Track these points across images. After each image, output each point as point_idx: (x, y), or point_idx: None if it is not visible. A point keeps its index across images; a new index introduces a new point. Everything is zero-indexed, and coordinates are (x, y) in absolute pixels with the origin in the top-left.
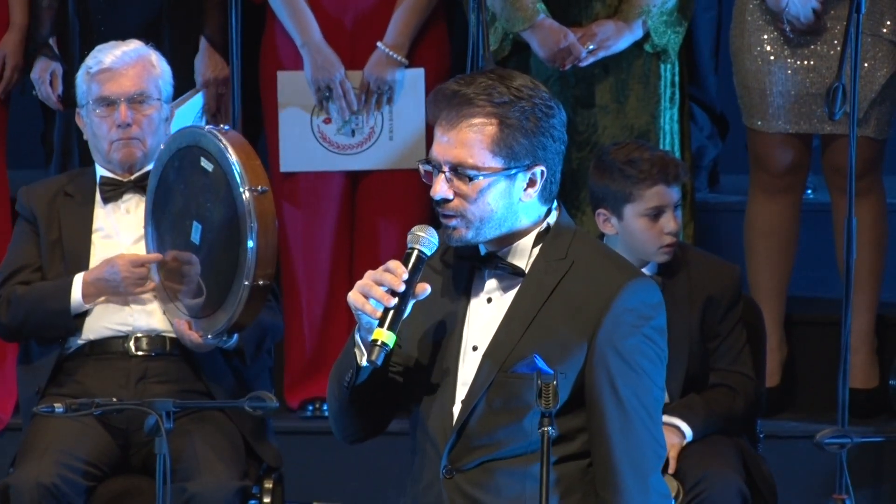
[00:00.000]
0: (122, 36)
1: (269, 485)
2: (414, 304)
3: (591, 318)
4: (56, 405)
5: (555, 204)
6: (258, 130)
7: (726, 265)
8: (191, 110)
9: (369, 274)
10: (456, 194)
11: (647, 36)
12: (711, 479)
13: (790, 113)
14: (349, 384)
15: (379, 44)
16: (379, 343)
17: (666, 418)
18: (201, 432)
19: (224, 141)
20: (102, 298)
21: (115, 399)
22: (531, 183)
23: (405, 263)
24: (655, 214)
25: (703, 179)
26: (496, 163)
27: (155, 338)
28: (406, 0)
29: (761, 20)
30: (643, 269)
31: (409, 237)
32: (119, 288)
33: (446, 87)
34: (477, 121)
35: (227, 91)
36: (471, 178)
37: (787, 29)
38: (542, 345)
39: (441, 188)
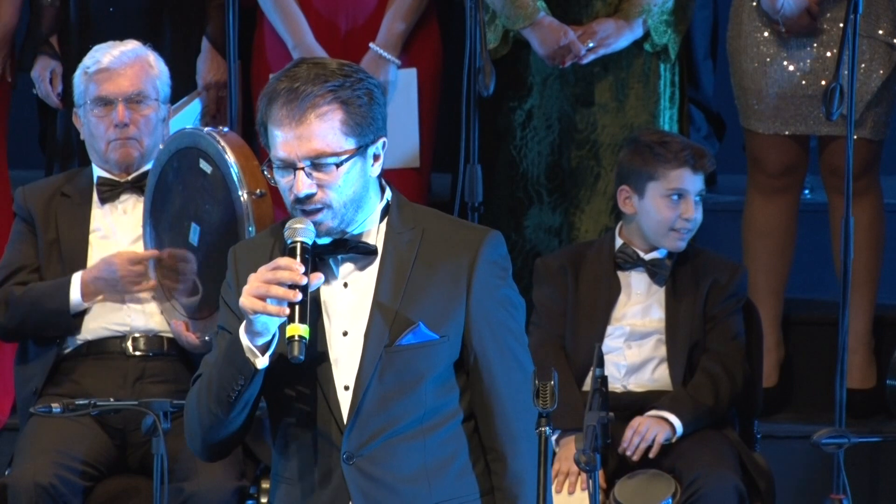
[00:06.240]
0: (123, 36)
1: (266, 485)
2: None
3: (461, 277)
4: (53, 405)
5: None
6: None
7: (734, 263)
8: (188, 116)
9: (257, 276)
10: (319, 186)
11: (647, 35)
12: (708, 478)
13: (787, 114)
14: (239, 393)
15: (371, 44)
16: (297, 338)
17: (656, 412)
18: None
19: (223, 143)
20: (101, 297)
21: (112, 399)
22: (376, 157)
23: (292, 258)
24: (676, 198)
25: None
26: (350, 144)
27: (152, 338)
28: (398, 0)
29: (758, 21)
30: (655, 253)
31: (285, 233)
32: (117, 286)
33: (276, 86)
34: (322, 109)
35: (226, 93)
36: (337, 166)
37: (783, 30)
38: (419, 313)
39: (304, 184)
